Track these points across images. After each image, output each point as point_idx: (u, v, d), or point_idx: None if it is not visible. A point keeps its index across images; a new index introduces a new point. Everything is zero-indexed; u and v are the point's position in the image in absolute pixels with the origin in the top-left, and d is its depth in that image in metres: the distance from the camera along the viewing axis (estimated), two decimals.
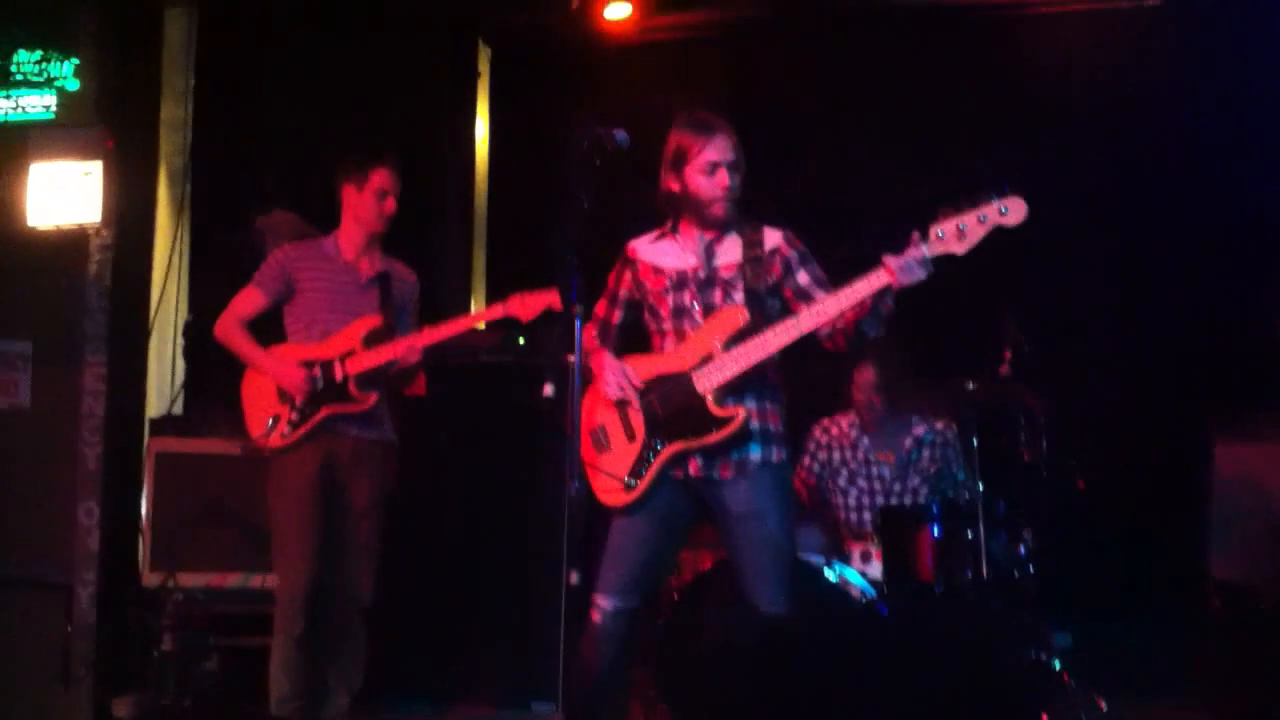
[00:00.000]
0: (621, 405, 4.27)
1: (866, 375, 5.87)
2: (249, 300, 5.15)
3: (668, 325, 4.30)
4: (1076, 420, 5.61)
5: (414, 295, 5.31)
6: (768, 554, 4.17)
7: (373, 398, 5.02)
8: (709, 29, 7.10)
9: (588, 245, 4.15)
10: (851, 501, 5.88)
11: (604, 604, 4.21)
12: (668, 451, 4.20)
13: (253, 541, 5.44)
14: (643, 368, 4.28)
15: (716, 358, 4.17)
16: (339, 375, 5.01)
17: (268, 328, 5.14)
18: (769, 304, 4.23)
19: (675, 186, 4.26)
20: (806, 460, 6.00)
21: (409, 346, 4.98)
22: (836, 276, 4.14)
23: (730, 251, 4.28)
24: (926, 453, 5.86)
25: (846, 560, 5.41)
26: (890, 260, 3.93)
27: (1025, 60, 6.60)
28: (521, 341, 5.96)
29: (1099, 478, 5.63)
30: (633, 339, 4.43)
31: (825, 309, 4.06)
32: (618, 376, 4.25)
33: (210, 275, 6.37)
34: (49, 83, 6.33)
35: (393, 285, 5.20)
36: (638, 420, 4.25)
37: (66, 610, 5.69)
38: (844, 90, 6.82)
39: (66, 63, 6.31)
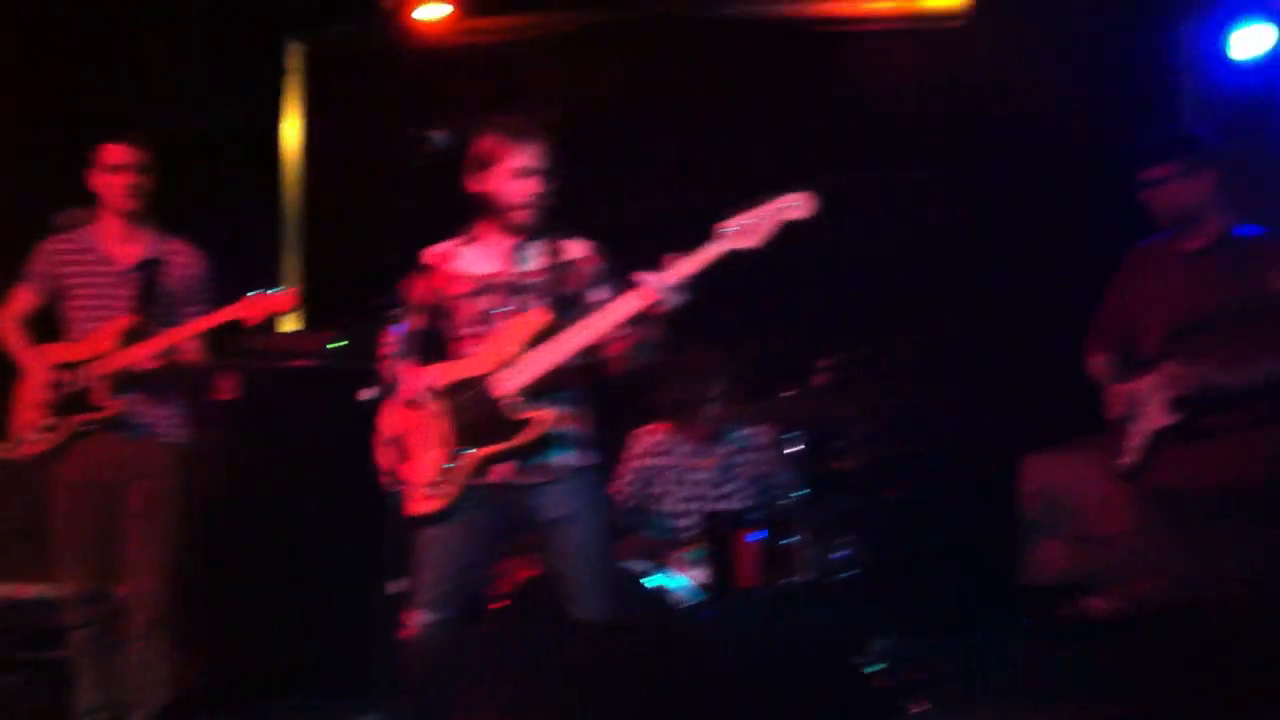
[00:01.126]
0: (423, 411, 4.18)
1: (709, 388, 5.90)
2: (20, 297, 4.98)
3: (473, 330, 4.24)
4: (894, 430, 5.72)
5: (198, 280, 5.06)
6: (584, 559, 4.18)
7: (120, 402, 4.80)
8: (529, 33, 7.04)
9: (408, 247, 4.25)
10: (672, 509, 5.90)
11: (420, 618, 4.13)
12: (471, 458, 4.13)
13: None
14: (444, 372, 4.20)
15: (517, 361, 4.13)
16: (81, 380, 4.81)
17: None
18: (571, 313, 4.20)
19: (482, 189, 4.21)
20: (625, 469, 6.01)
21: (155, 349, 4.78)
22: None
23: (535, 258, 4.26)
24: (745, 459, 5.93)
25: (669, 567, 5.42)
26: (645, 279, 3.98)
27: (844, 74, 6.73)
28: (344, 344, 5.84)
29: (915, 487, 5.81)
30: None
31: (595, 325, 4.07)
32: (418, 381, 4.16)
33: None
34: None
35: (161, 274, 4.95)
36: (440, 426, 4.15)
37: None
38: (663, 99, 6.84)
39: None
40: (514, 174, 4.17)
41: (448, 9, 6.79)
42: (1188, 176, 4.54)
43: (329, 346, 5.95)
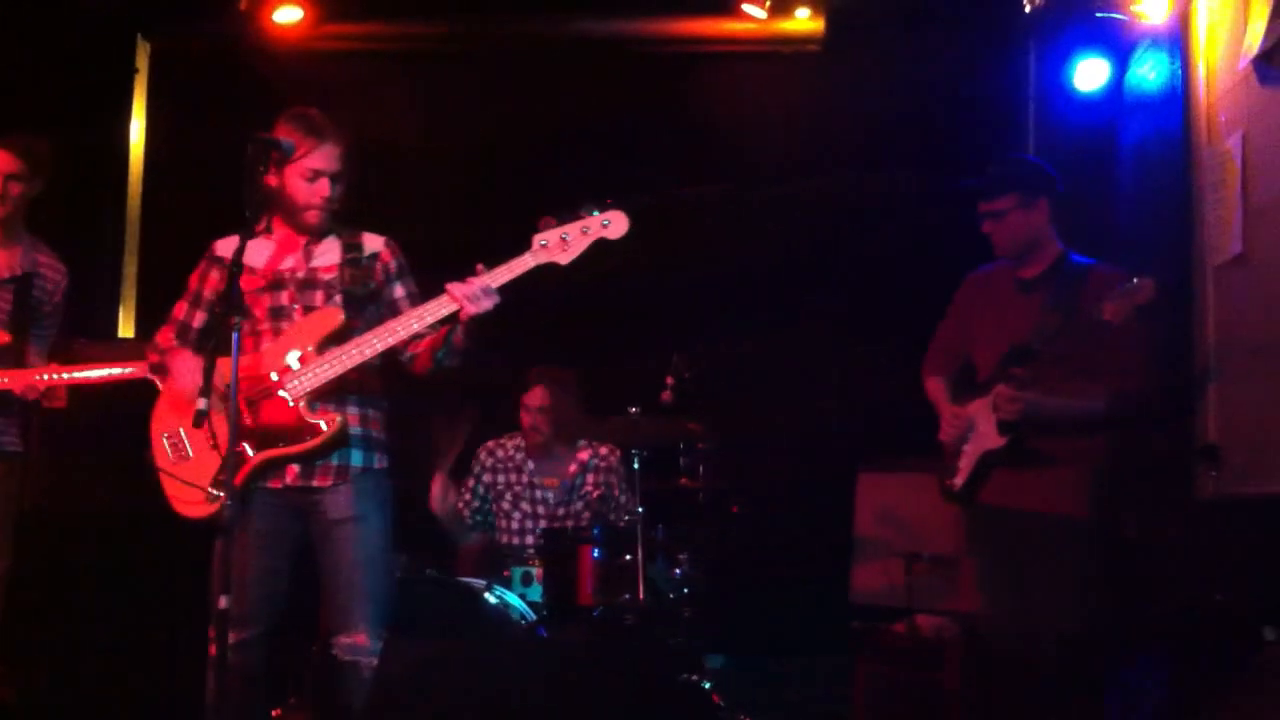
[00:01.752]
0: (202, 410, 3.81)
1: (534, 398, 5.88)
2: None
3: (264, 326, 4.10)
4: (735, 450, 5.74)
5: (59, 293, 4.96)
6: (363, 564, 4.03)
7: None
8: (382, 42, 6.97)
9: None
10: (515, 525, 5.87)
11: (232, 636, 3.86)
12: (257, 459, 4.00)
13: None
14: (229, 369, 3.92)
15: (309, 361, 4.02)
16: None
17: None
18: (369, 310, 4.14)
19: (274, 183, 4.06)
20: (470, 481, 5.97)
21: (26, 385, 4.66)
22: None
23: (329, 253, 4.17)
24: (590, 477, 5.92)
25: (507, 584, 5.38)
26: (454, 287, 3.93)
27: (698, 99, 6.74)
28: None
29: (754, 506, 5.84)
30: None
31: (398, 330, 4.00)
32: (197, 378, 3.78)
33: None
34: None
35: (34, 287, 4.83)
36: (223, 426, 3.83)
37: None
38: (513, 115, 6.81)
39: None
40: (306, 174, 4.05)
41: (300, 13, 6.66)
42: (1027, 208, 4.59)
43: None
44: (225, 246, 4.17)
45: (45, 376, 4.69)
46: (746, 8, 6.59)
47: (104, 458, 5.66)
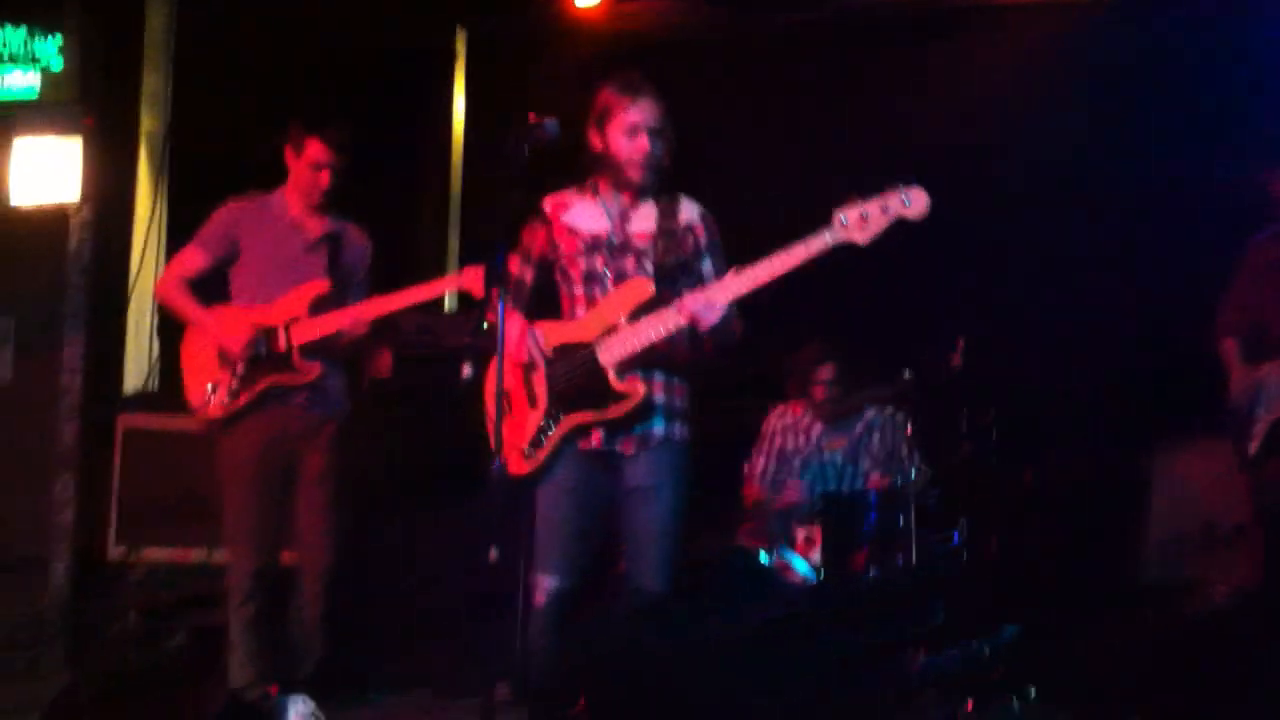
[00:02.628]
0: (528, 370, 4.16)
1: (826, 373, 6.00)
2: (191, 259, 4.98)
3: (579, 290, 4.22)
4: (1021, 418, 5.72)
5: (366, 261, 5.12)
6: (657, 529, 4.14)
7: (316, 368, 4.84)
8: (676, 17, 7.16)
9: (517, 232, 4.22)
10: (804, 489, 6.02)
11: (545, 583, 4.13)
12: (567, 423, 4.13)
13: (217, 517, 5.24)
14: (551, 335, 4.17)
15: (620, 330, 4.11)
16: (282, 344, 4.83)
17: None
18: (679, 279, 4.18)
19: (598, 144, 4.19)
20: (764, 444, 6.14)
21: (355, 318, 4.84)
22: None
23: (646, 219, 4.22)
24: (877, 435, 5.99)
25: (793, 545, 5.56)
26: (687, 301, 3.97)
27: (985, 58, 6.69)
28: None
29: (1041, 475, 5.80)
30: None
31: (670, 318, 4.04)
32: (527, 340, 4.12)
33: None
34: (33, 61, 6.48)
35: (343, 249, 5.02)
36: (541, 388, 4.14)
37: (42, 584, 5.81)
38: (802, 97, 6.91)
39: (50, 41, 6.46)
40: (627, 130, 4.13)
41: None
42: None
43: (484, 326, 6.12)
44: (551, 204, 4.29)
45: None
46: None
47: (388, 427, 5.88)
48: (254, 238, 4.97)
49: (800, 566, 5.36)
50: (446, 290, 5.06)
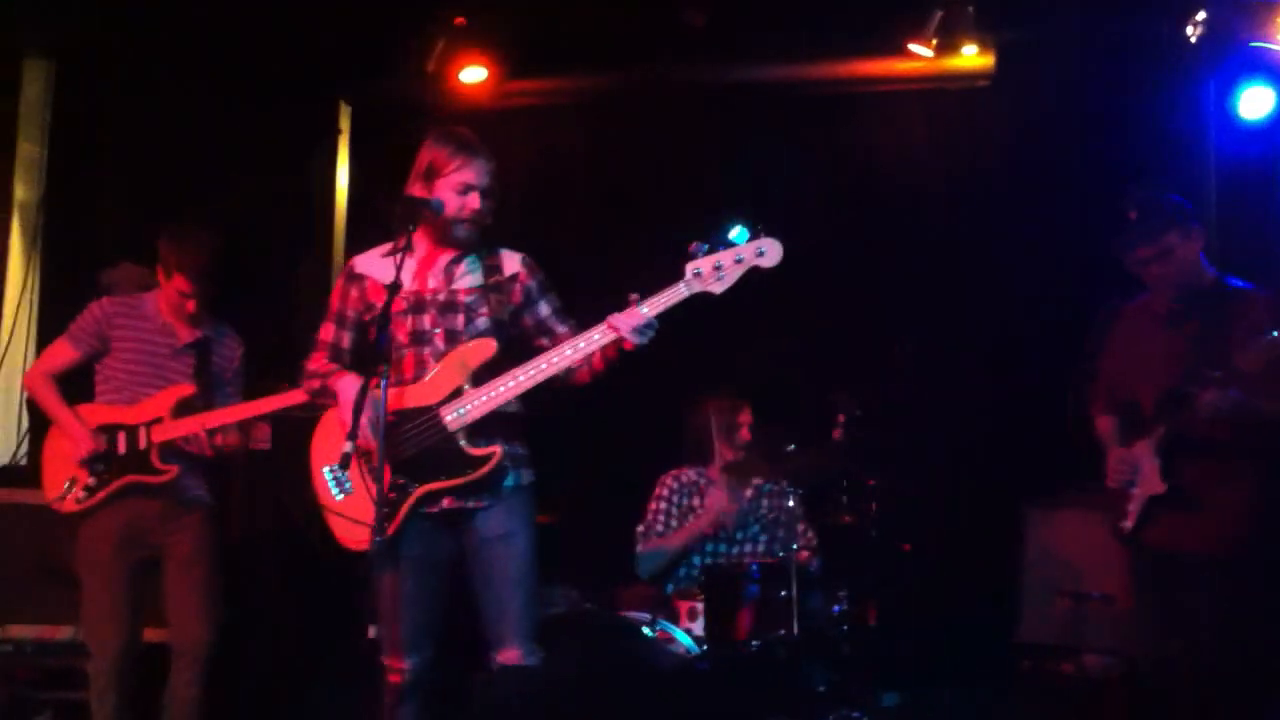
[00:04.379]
0: (347, 452, 3.82)
1: (746, 415, 6.04)
2: (60, 353, 5.07)
3: (407, 350, 4.13)
4: (899, 488, 5.81)
5: (236, 363, 5.25)
6: (515, 576, 4.09)
7: (174, 469, 4.95)
8: (559, 96, 7.28)
9: None
10: (692, 560, 6.00)
11: (399, 664, 4.07)
12: (418, 492, 4.05)
13: None
14: (390, 401, 3.95)
15: (467, 393, 4.06)
16: (142, 443, 4.95)
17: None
18: (510, 332, 4.18)
19: (422, 194, 4.12)
20: (656, 505, 6.10)
21: (217, 423, 4.94)
22: None
23: (470, 274, 4.19)
24: (766, 501, 6.04)
25: (674, 619, 5.54)
26: (617, 320, 3.97)
27: (865, 140, 6.91)
28: None
29: (923, 543, 5.89)
30: None
31: (555, 360, 4.04)
32: (368, 411, 3.88)
33: (59, 324, 6.35)
34: None
35: (213, 353, 5.15)
36: (387, 459, 3.93)
37: None
38: (693, 163, 7.03)
39: None
40: (458, 188, 4.11)
41: (485, 72, 7.00)
42: (1187, 238, 4.56)
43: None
44: (364, 264, 4.23)
45: (208, 428, 4.94)
46: (913, 47, 6.63)
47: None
48: (124, 337, 5.06)
49: (682, 638, 5.34)
50: (285, 403, 4.97)
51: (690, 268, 3.96)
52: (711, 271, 3.94)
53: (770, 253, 3.96)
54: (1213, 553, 4.42)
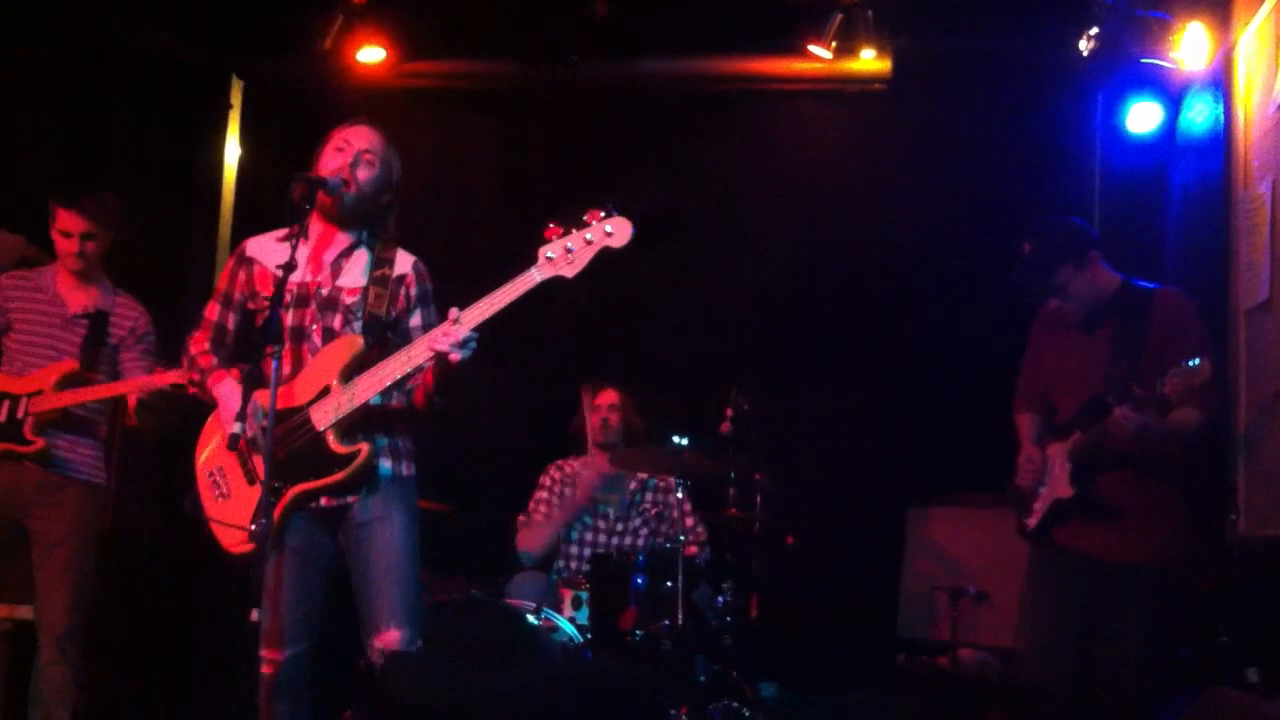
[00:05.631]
0: (236, 433, 3.73)
1: (607, 396, 6.06)
2: None
3: (285, 345, 4.03)
4: (789, 483, 5.86)
5: (140, 331, 5.18)
6: (390, 558, 4.01)
7: (41, 442, 4.92)
8: (457, 80, 7.24)
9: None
10: (573, 550, 6.01)
11: (272, 656, 3.97)
12: (291, 493, 3.95)
13: None
14: (259, 401, 3.88)
15: (334, 392, 3.96)
16: (21, 413, 4.93)
17: None
18: (388, 335, 4.08)
19: (317, 171, 4.02)
20: (539, 494, 6.10)
21: (95, 396, 4.94)
22: None
23: (356, 271, 4.09)
24: (650, 496, 6.07)
25: (558, 607, 5.53)
26: (432, 338, 3.84)
27: (759, 138, 6.98)
28: None
29: (807, 538, 5.94)
30: None
31: (395, 369, 3.91)
32: (244, 410, 3.74)
33: None
34: None
35: (108, 323, 5.10)
36: (257, 461, 3.94)
37: None
38: (584, 155, 7.03)
39: None
40: (336, 145, 4.03)
41: (382, 53, 6.93)
42: (1081, 268, 4.48)
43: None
44: (256, 247, 4.15)
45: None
46: (812, 48, 6.69)
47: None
48: (20, 309, 5.08)
49: (566, 627, 5.34)
50: (168, 383, 4.87)
51: (543, 252, 3.83)
52: (563, 254, 3.81)
53: (618, 232, 3.81)
54: (1120, 559, 4.42)
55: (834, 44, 6.66)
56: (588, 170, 6.93)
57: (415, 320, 4.14)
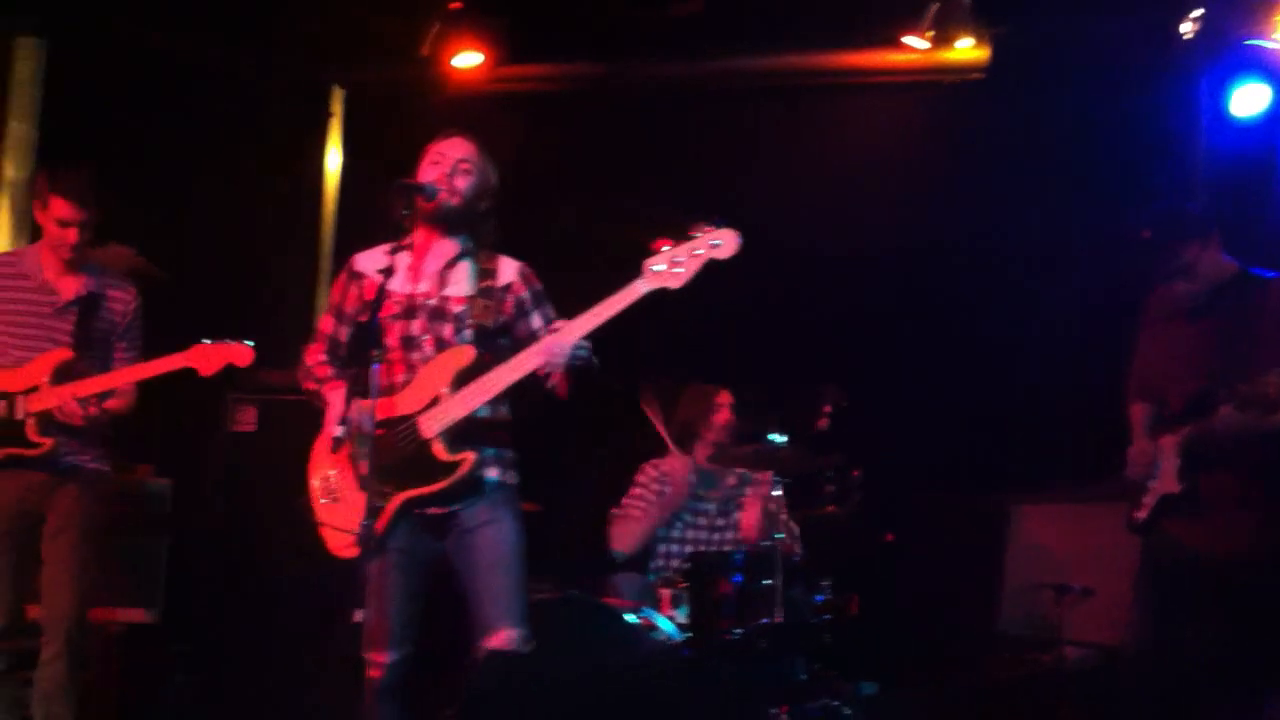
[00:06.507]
0: (339, 437, 4.00)
1: (726, 397, 6.03)
2: None
3: (395, 355, 4.10)
4: (884, 480, 5.82)
5: (129, 318, 4.93)
6: (498, 557, 4.07)
7: (50, 442, 4.67)
8: (560, 83, 7.28)
9: None
10: (673, 548, 6.01)
11: (379, 659, 4.03)
12: (397, 500, 4.02)
13: None
14: (371, 409, 3.90)
15: (444, 400, 4.03)
16: (19, 413, 4.69)
17: None
18: (499, 342, 4.14)
19: (420, 183, 4.10)
20: (636, 492, 6.09)
21: (98, 388, 4.67)
22: None
23: (463, 281, 4.16)
24: (749, 489, 6.05)
25: (658, 606, 5.53)
26: (543, 347, 3.93)
27: (856, 132, 6.91)
28: None
29: (902, 535, 5.90)
30: None
31: (506, 375, 3.99)
32: (359, 416, 3.96)
33: None
34: None
35: (99, 311, 4.86)
36: (365, 467, 3.95)
37: None
38: (681, 154, 7.03)
39: None
40: (434, 158, 4.12)
41: (480, 58, 7.00)
42: (1206, 247, 4.44)
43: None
44: (364, 261, 4.23)
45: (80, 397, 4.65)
46: (908, 39, 6.64)
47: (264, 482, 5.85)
48: (4, 299, 4.81)
49: (665, 625, 5.33)
50: (175, 367, 4.75)
51: (649, 264, 3.92)
52: (670, 266, 3.90)
53: (726, 243, 3.88)
54: (1226, 553, 4.35)
55: (930, 34, 6.60)
56: (683, 171, 6.93)
57: (536, 322, 4.21)
